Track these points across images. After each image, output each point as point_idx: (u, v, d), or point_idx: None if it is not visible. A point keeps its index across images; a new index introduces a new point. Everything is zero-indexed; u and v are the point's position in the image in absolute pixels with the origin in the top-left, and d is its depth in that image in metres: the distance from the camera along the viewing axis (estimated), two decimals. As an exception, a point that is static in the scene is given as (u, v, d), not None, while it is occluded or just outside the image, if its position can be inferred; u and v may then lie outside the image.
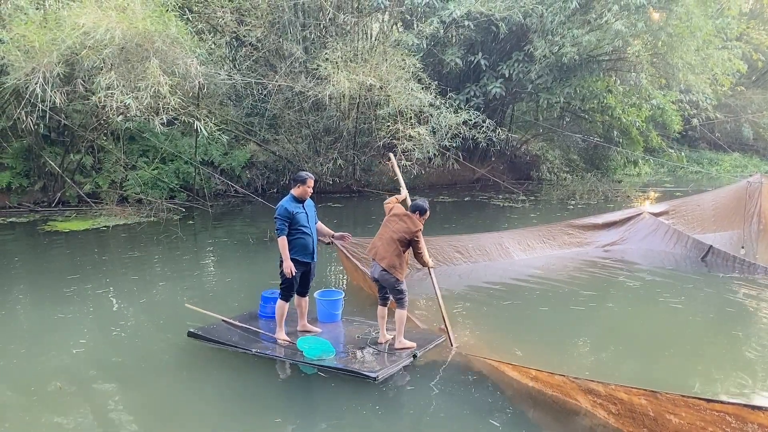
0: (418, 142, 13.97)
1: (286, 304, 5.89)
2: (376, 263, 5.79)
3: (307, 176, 5.87)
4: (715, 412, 3.31)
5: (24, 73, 10.61)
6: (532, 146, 23.08)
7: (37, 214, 13.15)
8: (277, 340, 5.85)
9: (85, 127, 13.86)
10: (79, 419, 4.61)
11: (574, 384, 4.46)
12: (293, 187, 5.89)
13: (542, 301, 7.84)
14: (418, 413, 4.82)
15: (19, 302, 7.58)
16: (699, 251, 9.98)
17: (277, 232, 5.69)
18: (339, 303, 6.59)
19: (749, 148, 31.00)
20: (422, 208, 5.89)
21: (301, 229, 5.77)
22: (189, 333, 5.98)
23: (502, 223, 13.54)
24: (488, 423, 4.53)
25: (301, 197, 5.86)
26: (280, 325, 5.91)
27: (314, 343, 5.59)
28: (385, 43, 15.74)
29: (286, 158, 16.62)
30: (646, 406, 3.81)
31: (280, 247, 5.68)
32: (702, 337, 6.80)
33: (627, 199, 17.31)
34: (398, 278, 5.67)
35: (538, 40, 16.07)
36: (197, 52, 12.35)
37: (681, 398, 3.49)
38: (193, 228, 12.63)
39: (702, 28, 16.46)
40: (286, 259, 5.65)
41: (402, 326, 5.75)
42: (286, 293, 5.86)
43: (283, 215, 5.69)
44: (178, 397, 5.07)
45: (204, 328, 6.14)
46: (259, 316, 6.53)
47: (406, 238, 5.69)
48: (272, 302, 6.19)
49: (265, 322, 6.35)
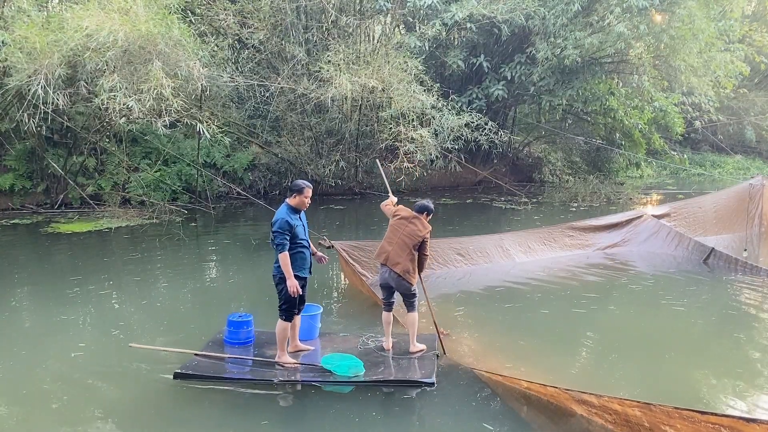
0: (420, 144, 13.98)
1: (288, 325, 5.41)
2: (387, 268, 5.65)
3: (305, 185, 5.38)
4: (710, 425, 3.27)
5: (26, 75, 10.65)
6: (535, 148, 23.08)
7: (39, 216, 13.18)
8: (283, 366, 5.34)
9: (87, 129, 13.89)
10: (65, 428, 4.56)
11: (567, 395, 4.45)
12: (289, 196, 5.40)
13: (543, 304, 7.84)
14: (414, 416, 4.82)
15: (23, 304, 7.60)
16: (701, 253, 9.97)
17: (279, 248, 5.18)
18: (318, 318, 6.11)
19: (752, 150, 30.96)
20: (429, 209, 5.85)
21: (300, 242, 5.35)
22: (175, 374, 5.15)
23: (504, 226, 13.53)
24: (483, 426, 4.53)
25: (299, 207, 5.38)
26: (282, 349, 5.42)
27: (339, 359, 5.28)
28: (387, 45, 15.77)
29: (289, 160, 16.65)
30: (641, 417, 3.79)
31: (282, 264, 5.19)
32: (704, 340, 6.79)
33: (629, 202, 17.29)
34: (411, 283, 5.61)
35: (540, 43, 16.07)
36: (200, 54, 12.37)
37: (675, 410, 3.46)
38: (196, 230, 12.65)
39: (704, 31, 16.43)
40: (290, 276, 5.18)
41: (415, 329, 5.72)
42: (288, 313, 5.38)
43: (285, 229, 5.18)
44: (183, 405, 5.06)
45: (188, 364, 5.32)
46: (225, 342, 5.80)
47: (418, 241, 5.61)
48: (243, 327, 5.73)
49: (237, 348, 5.71)
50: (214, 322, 6.41)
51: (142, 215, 13.15)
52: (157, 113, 11.16)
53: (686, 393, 5.23)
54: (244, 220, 13.98)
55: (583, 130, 22.29)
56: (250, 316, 5.78)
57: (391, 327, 5.83)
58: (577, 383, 5.21)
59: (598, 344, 6.45)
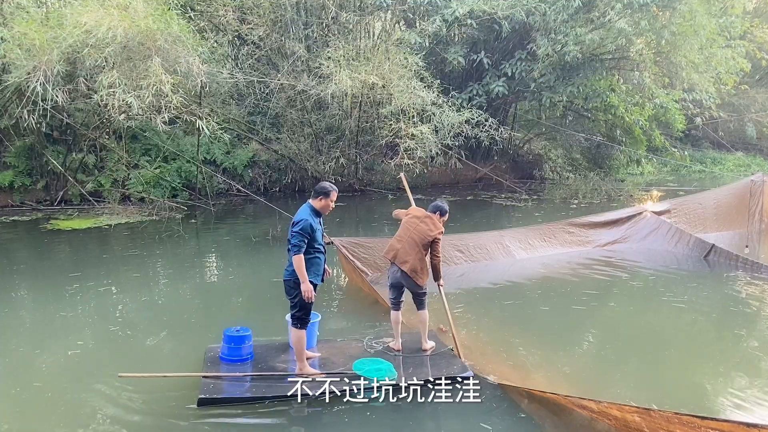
0: (421, 140, 13.94)
1: (304, 334, 5.11)
2: (396, 266, 5.58)
3: (332, 189, 5.11)
4: (710, 430, 3.25)
5: (25, 72, 10.62)
6: (535, 145, 23.03)
7: (39, 213, 13.17)
8: (308, 376, 5.03)
9: (87, 126, 13.88)
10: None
11: (567, 401, 4.43)
12: (314, 198, 5.08)
13: (543, 301, 7.83)
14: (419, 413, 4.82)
15: (23, 300, 7.60)
16: (701, 250, 9.95)
17: (294, 249, 4.87)
18: (317, 326, 5.74)
19: (753, 147, 30.89)
20: (443, 210, 5.77)
21: (318, 247, 5.07)
22: (200, 401, 4.67)
23: (504, 223, 13.52)
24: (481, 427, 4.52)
25: (322, 211, 5.11)
26: (302, 359, 5.11)
27: (370, 364, 5.15)
28: (387, 41, 15.72)
29: (289, 157, 16.62)
30: (640, 423, 3.78)
31: (297, 267, 4.87)
32: (705, 337, 6.78)
33: (630, 199, 17.26)
34: (419, 283, 5.53)
35: (541, 39, 16.02)
36: (199, 50, 12.34)
37: (674, 416, 3.44)
38: (195, 227, 12.64)
39: (705, 27, 16.39)
40: (305, 281, 4.86)
41: (426, 327, 5.68)
42: (303, 321, 5.07)
43: (307, 231, 4.89)
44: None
45: (208, 388, 4.84)
46: (221, 359, 5.32)
47: (428, 240, 5.53)
48: (245, 342, 5.30)
49: (238, 365, 5.23)
50: (214, 318, 6.40)
51: (142, 212, 13.13)
52: (157, 110, 11.13)
53: (686, 391, 5.22)
54: (243, 217, 13.97)
55: (584, 126, 22.25)
56: (248, 330, 5.37)
57: (400, 326, 5.71)
58: (577, 381, 5.21)
59: (598, 341, 6.44)
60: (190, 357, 5.68)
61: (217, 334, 5.90)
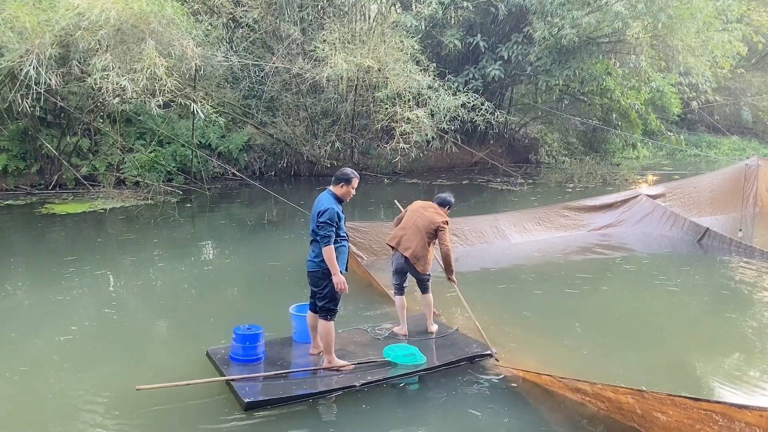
0: (417, 124, 13.91)
1: (332, 326, 4.90)
2: (398, 253, 5.63)
3: (354, 175, 4.95)
4: (702, 411, 3.31)
5: (18, 55, 10.52)
6: (531, 129, 23.03)
7: (34, 197, 13.13)
8: (339, 369, 4.90)
9: (81, 110, 13.78)
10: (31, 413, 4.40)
11: (561, 383, 4.49)
12: (335, 185, 4.91)
13: (537, 284, 7.87)
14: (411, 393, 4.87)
15: (19, 285, 7.59)
16: (695, 234, 10.00)
17: (325, 240, 4.67)
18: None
19: (748, 131, 30.95)
20: (448, 201, 5.82)
21: (343, 236, 4.92)
22: (247, 405, 4.33)
23: (500, 207, 13.54)
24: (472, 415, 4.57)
25: (343, 198, 4.94)
26: (331, 352, 4.91)
27: (399, 350, 5.12)
28: (383, 24, 15.60)
29: (284, 141, 16.57)
30: (633, 404, 3.83)
31: (327, 258, 4.67)
32: (697, 320, 6.84)
33: (625, 182, 17.30)
34: (422, 270, 5.56)
35: (538, 22, 15.95)
36: (193, 33, 12.23)
37: (667, 397, 3.48)
38: (191, 211, 12.62)
39: (702, 10, 16.32)
40: (336, 272, 4.69)
41: (431, 309, 5.75)
42: (332, 312, 4.87)
43: (335, 220, 4.71)
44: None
45: (250, 390, 4.52)
46: (232, 360, 4.96)
47: (433, 228, 5.55)
48: (258, 341, 4.98)
49: (249, 366, 4.89)
50: (211, 303, 6.40)
51: (137, 196, 13.11)
52: (151, 93, 11.07)
53: (679, 373, 5.28)
54: (239, 201, 13.95)
55: (580, 110, 22.24)
56: (260, 328, 5.05)
57: (405, 311, 5.71)
58: (569, 363, 5.26)
59: (591, 324, 6.49)
60: (187, 342, 5.70)
61: (215, 317, 5.92)
